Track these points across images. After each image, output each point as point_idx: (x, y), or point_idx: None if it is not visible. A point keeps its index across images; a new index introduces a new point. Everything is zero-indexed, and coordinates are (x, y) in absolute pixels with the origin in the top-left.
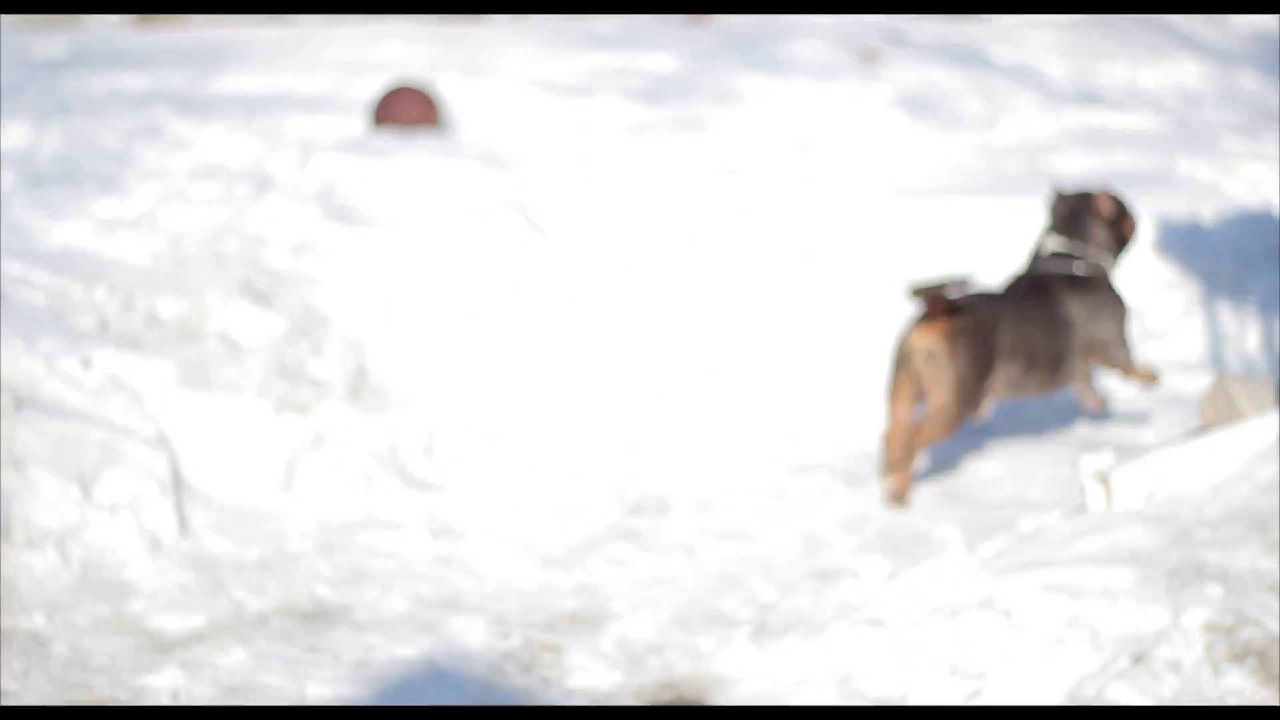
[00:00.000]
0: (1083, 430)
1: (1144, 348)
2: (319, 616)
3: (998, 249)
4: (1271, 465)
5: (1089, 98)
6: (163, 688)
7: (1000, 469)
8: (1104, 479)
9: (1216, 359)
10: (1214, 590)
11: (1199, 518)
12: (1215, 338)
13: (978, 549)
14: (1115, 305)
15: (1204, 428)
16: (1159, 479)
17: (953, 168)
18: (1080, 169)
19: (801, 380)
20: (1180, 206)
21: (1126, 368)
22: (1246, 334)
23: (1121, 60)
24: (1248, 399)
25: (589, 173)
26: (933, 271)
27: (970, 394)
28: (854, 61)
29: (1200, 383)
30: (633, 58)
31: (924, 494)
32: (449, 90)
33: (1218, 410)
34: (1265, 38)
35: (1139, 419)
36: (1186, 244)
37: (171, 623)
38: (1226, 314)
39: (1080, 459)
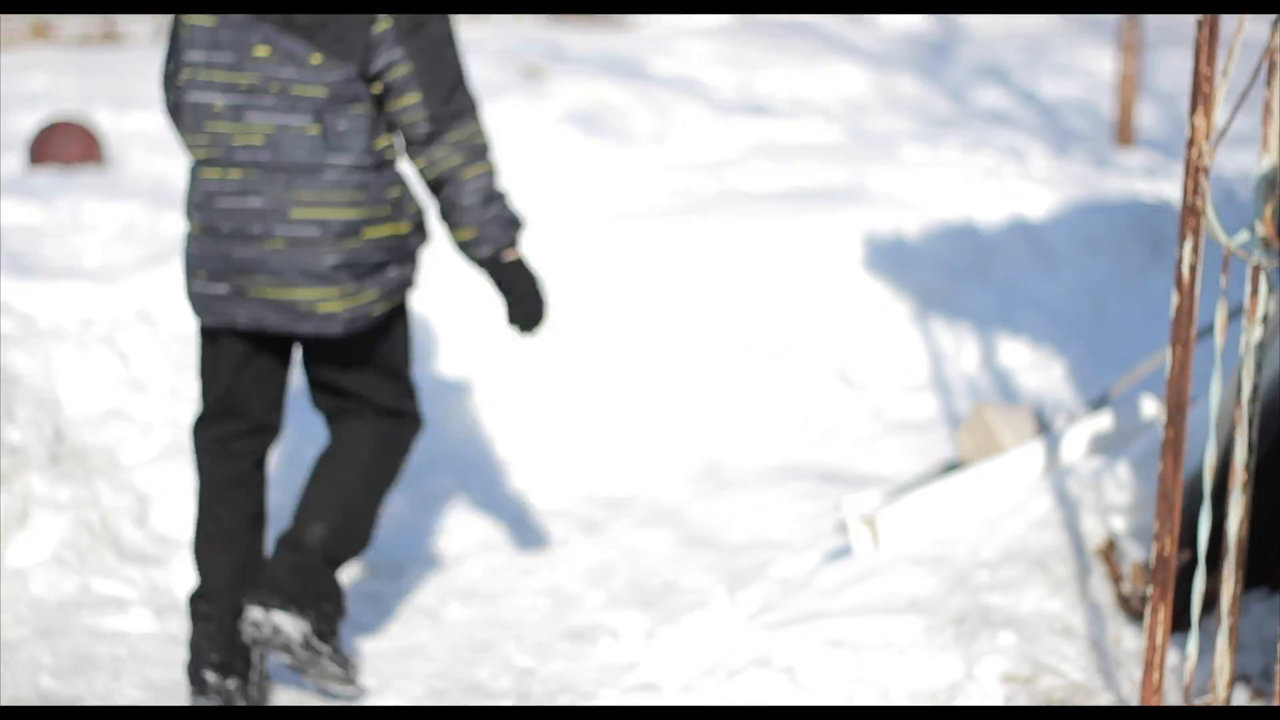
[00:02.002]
0: (812, 458)
1: (861, 372)
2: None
3: (698, 271)
4: (1042, 498)
5: (757, 108)
6: None
7: (737, 505)
8: (869, 520)
9: (938, 380)
10: (1006, 638)
11: (975, 559)
12: (934, 358)
13: (738, 598)
14: None
15: (962, 461)
16: (926, 518)
17: (639, 187)
18: (770, 185)
19: (526, 421)
20: (883, 223)
21: None
22: (963, 352)
23: (780, 68)
24: (1007, 429)
25: None
26: (650, 300)
27: None
28: (518, 79)
29: (926, 405)
30: None
31: (662, 538)
32: (106, 123)
33: (976, 442)
34: (915, 39)
35: (870, 446)
36: (894, 262)
37: None
38: (942, 333)
39: (842, 500)
